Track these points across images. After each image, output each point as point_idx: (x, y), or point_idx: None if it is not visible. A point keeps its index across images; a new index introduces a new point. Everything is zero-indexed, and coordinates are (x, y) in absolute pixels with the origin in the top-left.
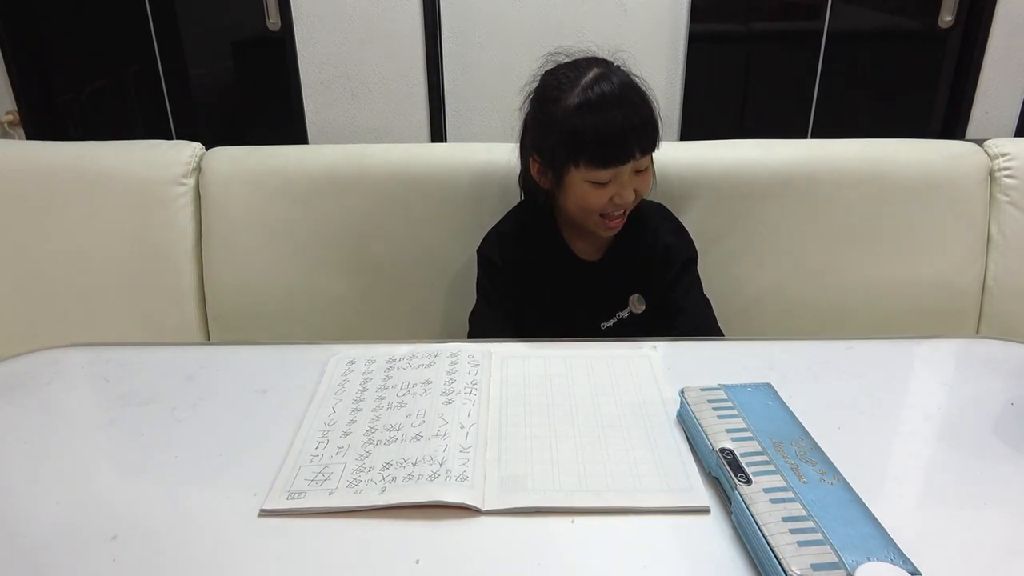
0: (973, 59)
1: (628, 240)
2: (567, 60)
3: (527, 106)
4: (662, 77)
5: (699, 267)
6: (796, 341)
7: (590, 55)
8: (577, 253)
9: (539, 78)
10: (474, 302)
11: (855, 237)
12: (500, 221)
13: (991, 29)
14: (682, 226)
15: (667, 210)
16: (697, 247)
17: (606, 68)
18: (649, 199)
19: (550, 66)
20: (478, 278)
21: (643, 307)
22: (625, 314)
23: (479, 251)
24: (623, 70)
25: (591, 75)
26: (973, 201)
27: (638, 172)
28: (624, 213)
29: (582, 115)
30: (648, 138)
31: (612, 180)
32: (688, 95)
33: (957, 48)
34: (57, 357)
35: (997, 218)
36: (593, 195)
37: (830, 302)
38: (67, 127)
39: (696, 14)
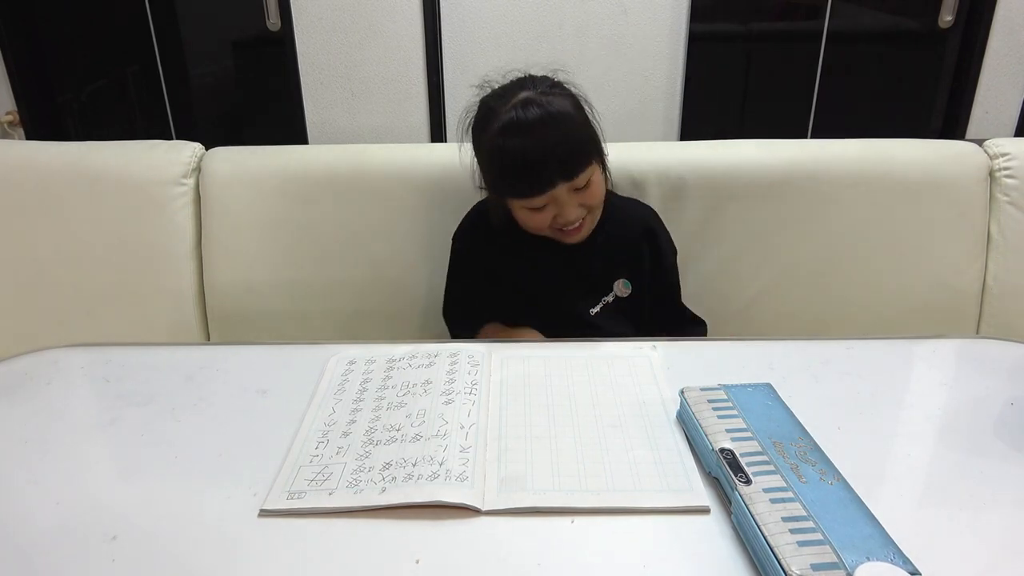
0: (973, 59)
1: (612, 222)
2: (500, 85)
3: (468, 133)
4: (662, 77)
5: (699, 267)
6: (796, 341)
7: (524, 76)
8: None
9: (476, 104)
10: None
11: (854, 237)
12: (472, 209)
13: (991, 29)
14: (659, 217)
15: (645, 205)
16: (696, 247)
17: (531, 92)
18: (652, 196)
19: (486, 91)
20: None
21: (628, 291)
22: (610, 298)
23: (452, 238)
24: (551, 93)
25: (511, 104)
26: (973, 201)
27: (577, 190)
28: (582, 223)
29: (501, 151)
30: (567, 164)
31: (549, 203)
32: (688, 95)
33: (957, 48)
34: (57, 357)
35: (997, 218)
36: (535, 219)
37: (830, 302)
38: (67, 127)
39: (696, 14)
